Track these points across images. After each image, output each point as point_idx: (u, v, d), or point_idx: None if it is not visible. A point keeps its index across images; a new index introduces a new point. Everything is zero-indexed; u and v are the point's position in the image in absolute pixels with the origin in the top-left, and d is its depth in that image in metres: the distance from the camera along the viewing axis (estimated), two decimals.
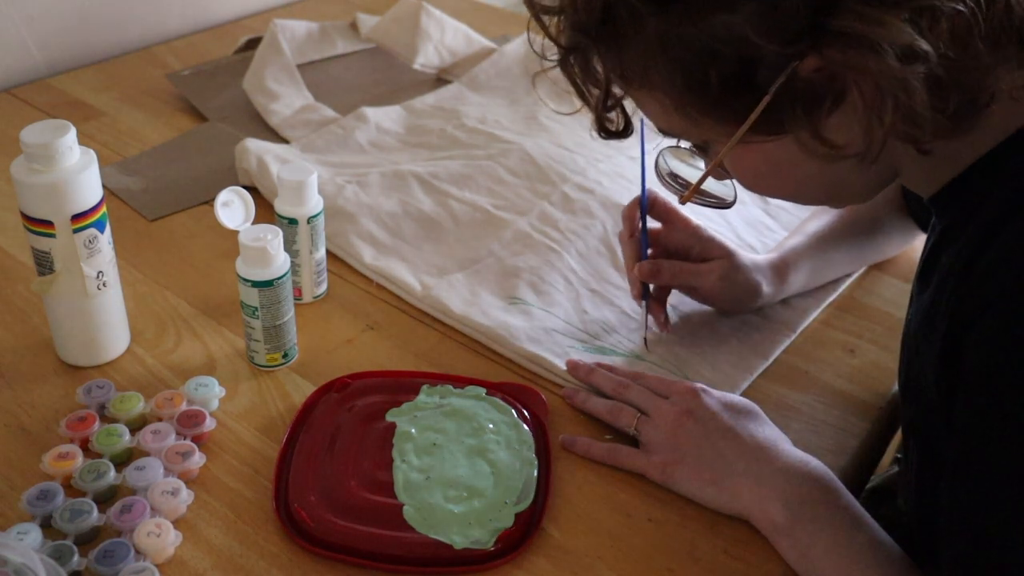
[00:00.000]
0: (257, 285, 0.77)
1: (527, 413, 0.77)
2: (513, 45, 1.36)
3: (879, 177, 0.65)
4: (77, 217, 0.73)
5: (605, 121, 0.66)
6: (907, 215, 0.92)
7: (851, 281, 0.95)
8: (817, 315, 0.91)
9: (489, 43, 1.36)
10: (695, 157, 0.74)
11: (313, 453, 0.72)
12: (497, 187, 1.05)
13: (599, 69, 0.62)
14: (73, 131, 0.72)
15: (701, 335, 0.87)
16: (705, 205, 0.75)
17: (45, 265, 0.75)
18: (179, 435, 0.73)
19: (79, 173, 0.73)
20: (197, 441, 0.73)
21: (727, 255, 0.85)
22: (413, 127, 1.18)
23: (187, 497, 0.68)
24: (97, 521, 0.66)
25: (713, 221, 1.00)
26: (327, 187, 1.03)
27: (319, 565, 0.65)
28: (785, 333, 0.88)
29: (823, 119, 0.57)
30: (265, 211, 0.91)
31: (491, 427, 0.74)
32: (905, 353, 0.71)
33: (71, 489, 0.68)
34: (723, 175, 0.70)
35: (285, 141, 1.14)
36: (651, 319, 0.86)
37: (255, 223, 0.79)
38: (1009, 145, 0.58)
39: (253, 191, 0.99)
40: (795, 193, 0.68)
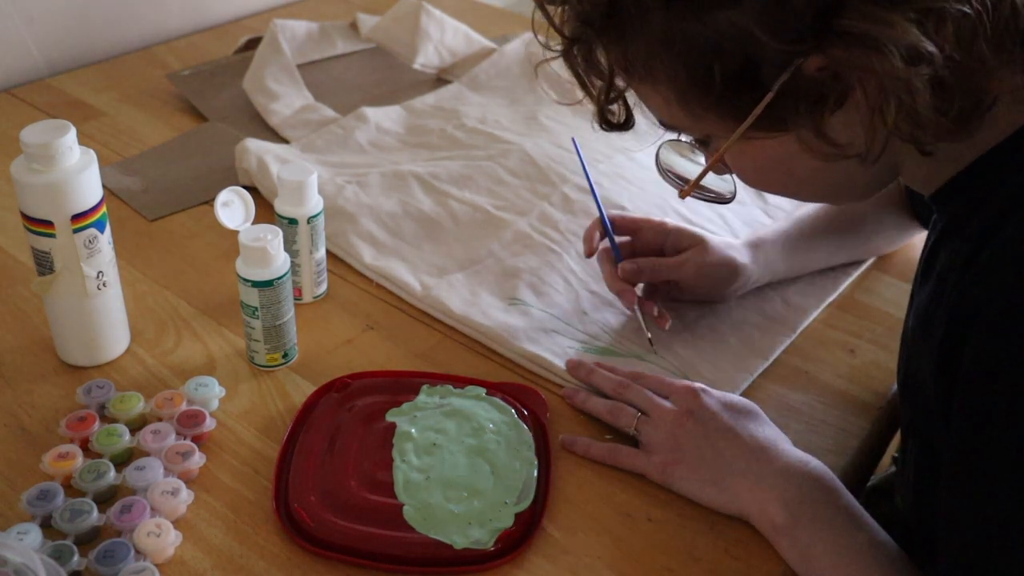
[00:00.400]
0: (257, 285, 0.77)
1: (527, 413, 0.77)
2: (513, 45, 1.36)
3: (879, 176, 0.65)
4: (77, 217, 0.73)
5: (607, 113, 0.66)
6: (902, 211, 0.92)
7: (851, 281, 0.95)
8: (817, 315, 0.91)
9: (489, 43, 1.36)
10: (695, 152, 0.74)
11: (313, 453, 0.72)
12: (497, 187, 1.05)
13: (602, 61, 0.61)
14: (73, 131, 0.72)
15: (701, 335, 0.87)
16: (705, 200, 0.75)
17: (45, 265, 0.75)
18: (179, 435, 0.73)
19: (79, 173, 0.73)
20: (197, 441, 0.73)
21: (698, 242, 0.86)
22: (413, 127, 1.18)
23: (187, 497, 0.68)
24: (97, 521, 0.66)
25: (712, 222, 1.00)
26: (327, 187, 1.03)
27: (319, 565, 0.65)
28: (785, 333, 0.88)
29: (826, 118, 0.57)
30: (265, 211, 0.91)
31: (491, 427, 0.74)
32: (904, 350, 0.71)
33: (71, 489, 0.68)
34: (723, 170, 0.70)
35: (285, 141, 1.14)
36: (649, 322, 0.86)
37: (255, 223, 0.79)
38: (1011, 142, 0.58)
39: (253, 191, 0.99)
40: (795, 190, 0.68)
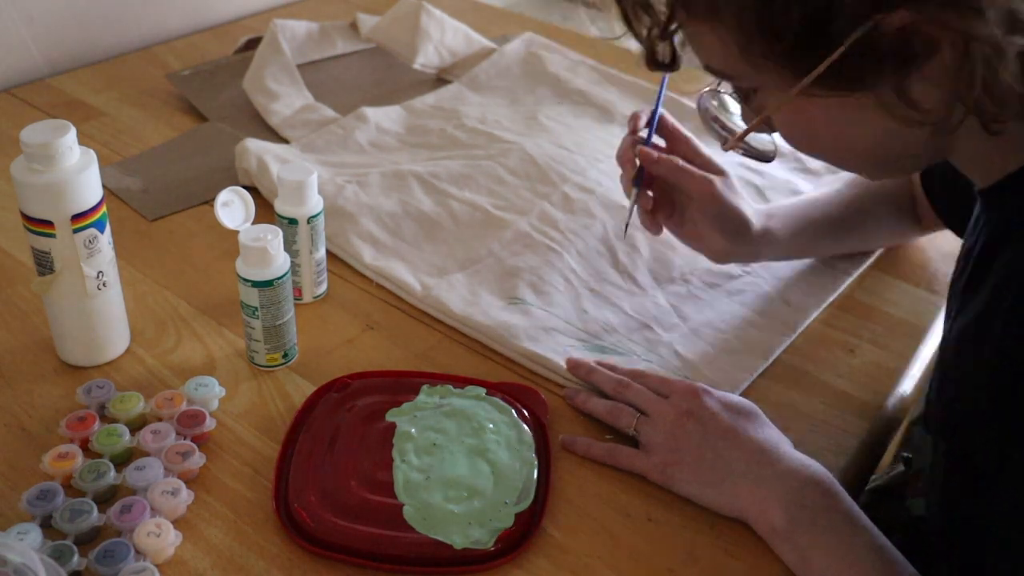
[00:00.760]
0: (257, 285, 0.77)
1: (527, 413, 0.77)
2: (513, 45, 1.36)
3: (930, 153, 0.62)
4: (77, 217, 0.73)
5: (656, 52, 0.62)
6: (903, 212, 0.92)
7: (851, 281, 0.95)
8: (817, 315, 0.91)
9: (489, 43, 1.36)
10: (735, 104, 0.70)
11: (313, 453, 0.72)
12: (497, 187, 1.05)
13: None
14: (73, 131, 0.72)
15: (701, 335, 0.87)
16: (746, 155, 0.73)
17: (45, 265, 0.75)
18: (179, 435, 0.73)
19: (79, 173, 0.73)
20: (197, 441, 0.73)
21: (724, 173, 0.84)
22: (413, 127, 1.18)
23: (187, 497, 0.68)
24: (97, 521, 0.66)
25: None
26: (327, 187, 1.03)
27: (319, 565, 0.65)
28: (785, 333, 0.88)
29: (912, 79, 0.53)
30: (265, 211, 0.91)
31: (491, 427, 0.74)
32: (945, 355, 0.67)
33: (71, 489, 0.68)
34: (766, 129, 0.67)
35: (285, 141, 1.14)
36: (640, 212, 0.85)
37: (255, 223, 0.79)
38: None
39: (253, 191, 0.99)
40: (843, 156, 0.64)
